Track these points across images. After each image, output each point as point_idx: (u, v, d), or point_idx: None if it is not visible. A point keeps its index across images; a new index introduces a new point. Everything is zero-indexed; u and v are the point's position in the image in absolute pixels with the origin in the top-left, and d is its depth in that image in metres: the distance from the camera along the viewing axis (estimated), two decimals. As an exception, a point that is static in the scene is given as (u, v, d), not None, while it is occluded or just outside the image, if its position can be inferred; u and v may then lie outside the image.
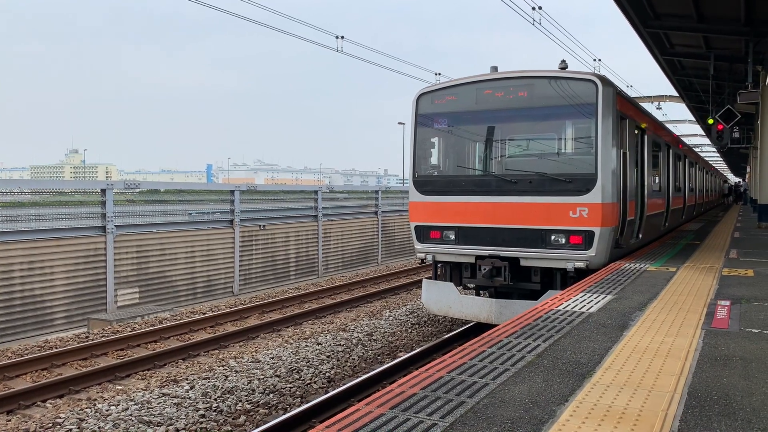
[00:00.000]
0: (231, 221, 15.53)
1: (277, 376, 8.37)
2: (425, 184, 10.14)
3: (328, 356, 9.33)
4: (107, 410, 7.08)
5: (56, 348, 10.04)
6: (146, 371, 9.00)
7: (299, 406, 7.28)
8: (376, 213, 21.70)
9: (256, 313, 12.77)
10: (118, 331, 11.07)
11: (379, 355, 9.62)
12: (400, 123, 65.17)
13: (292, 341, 10.38)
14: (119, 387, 8.32)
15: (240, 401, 7.43)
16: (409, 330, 11.20)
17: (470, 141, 10.22)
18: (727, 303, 6.26)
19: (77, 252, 11.90)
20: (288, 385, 8.05)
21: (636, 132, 10.77)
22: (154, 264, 13.39)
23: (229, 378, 8.24)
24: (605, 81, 9.00)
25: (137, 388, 8.08)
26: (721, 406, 3.38)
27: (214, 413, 7.07)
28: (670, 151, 15.12)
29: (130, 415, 6.92)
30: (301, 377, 8.38)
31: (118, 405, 7.25)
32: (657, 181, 13.32)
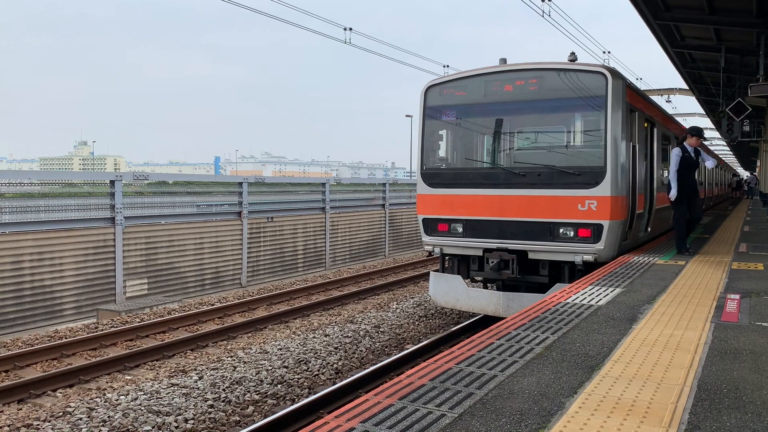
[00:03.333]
0: (239, 213, 15.57)
1: (285, 367, 8.40)
2: (433, 176, 10.12)
3: (336, 348, 9.36)
4: (117, 400, 7.14)
5: (66, 338, 10.11)
6: (155, 361, 9.06)
7: (307, 396, 7.32)
8: (383, 205, 21.69)
9: (264, 305, 12.82)
10: (127, 321, 11.15)
11: (386, 347, 9.65)
12: (407, 116, 64.91)
13: (299, 332, 10.41)
14: (128, 377, 8.38)
15: (248, 392, 7.47)
16: (417, 322, 11.21)
17: (479, 133, 10.19)
18: (737, 296, 6.23)
19: (86, 243, 11.96)
20: (296, 376, 8.08)
21: (645, 125, 10.70)
22: (163, 255, 13.45)
23: (237, 368, 8.28)
24: (615, 73, 8.93)
25: (146, 378, 8.13)
26: (731, 399, 3.37)
27: (223, 403, 7.11)
28: None
29: (140, 404, 6.97)
30: (309, 368, 8.41)
31: (128, 395, 7.31)
32: (666, 174, 13.23)
